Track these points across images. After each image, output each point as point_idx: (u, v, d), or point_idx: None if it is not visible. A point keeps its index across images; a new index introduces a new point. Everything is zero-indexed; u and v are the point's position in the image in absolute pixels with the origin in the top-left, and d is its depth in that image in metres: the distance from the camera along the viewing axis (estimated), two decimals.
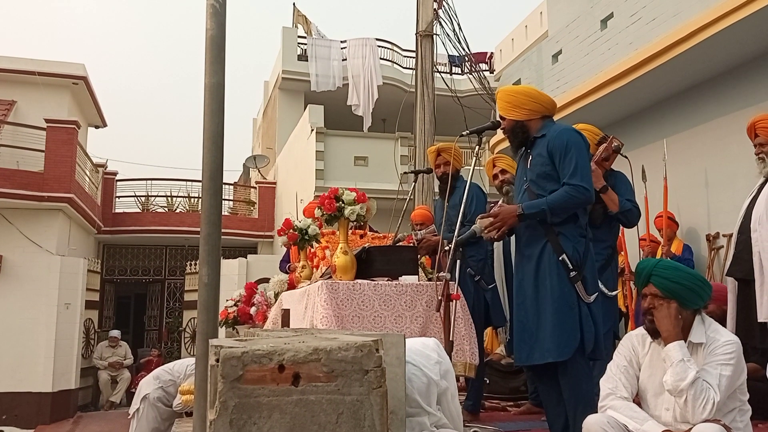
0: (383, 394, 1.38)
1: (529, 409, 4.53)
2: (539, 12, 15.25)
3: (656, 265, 2.47)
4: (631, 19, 7.08)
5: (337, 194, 3.55)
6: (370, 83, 14.65)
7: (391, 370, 1.66)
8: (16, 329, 11.25)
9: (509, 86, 3.47)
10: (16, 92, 13.82)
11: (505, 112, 3.22)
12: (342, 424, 1.34)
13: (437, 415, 1.84)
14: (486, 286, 4.19)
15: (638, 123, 7.69)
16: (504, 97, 3.23)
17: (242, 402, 1.31)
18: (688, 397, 2.25)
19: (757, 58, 6.17)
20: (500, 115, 3.28)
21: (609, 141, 3.91)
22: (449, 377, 2.31)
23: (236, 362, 1.32)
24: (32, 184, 11.42)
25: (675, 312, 2.38)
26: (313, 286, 3.53)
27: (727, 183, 6.45)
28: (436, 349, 2.34)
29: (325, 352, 1.36)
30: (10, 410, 11.02)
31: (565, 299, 2.90)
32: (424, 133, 8.20)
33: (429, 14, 8.45)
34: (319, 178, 12.38)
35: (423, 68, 8.40)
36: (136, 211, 15.80)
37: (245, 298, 5.94)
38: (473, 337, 3.61)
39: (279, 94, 16.50)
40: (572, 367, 2.90)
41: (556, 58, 8.63)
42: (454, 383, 2.38)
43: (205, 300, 2.39)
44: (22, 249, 11.53)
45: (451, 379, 2.33)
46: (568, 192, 2.95)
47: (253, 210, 16.62)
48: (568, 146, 3.00)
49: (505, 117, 3.22)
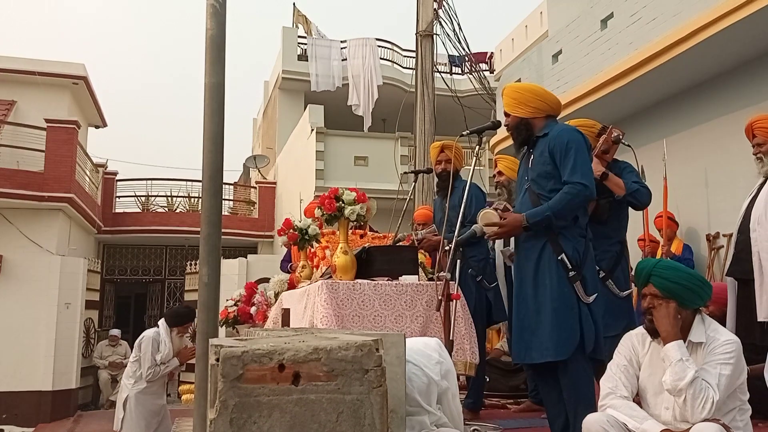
0: (383, 393, 1.38)
1: (529, 407, 4.54)
2: (539, 12, 15.25)
3: (656, 266, 2.47)
4: (632, 18, 7.08)
5: (337, 194, 3.56)
6: (370, 83, 14.65)
7: (392, 370, 1.66)
8: (16, 329, 11.25)
9: (516, 83, 3.47)
10: (16, 92, 13.83)
11: (510, 109, 3.21)
12: (342, 423, 1.34)
13: (437, 414, 1.85)
14: (488, 285, 4.19)
15: (638, 123, 7.69)
16: (510, 93, 3.22)
17: (242, 401, 1.31)
18: (687, 396, 2.25)
19: (757, 58, 6.17)
20: (505, 111, 3.26)
21: (608, 132, 3.83)
22: (450, 377, 2.31)
23: (236, 361, 1.32)
24: (32, 184, 11.42)
25: (674, 312, 2.38)
26: (314, 285, 3.53)
27: (727, 183, 6.45)
28: (437, 349, 2.34)
29: (325, 351, 1.36)
30: (10, 409, 11.03)
31: (564, 299, 2.90)
32: (424, 133, 8.21)
33: (429, 14, 8.45)
34: (319, 178, 12.38)
35: (423, 68, 8.41)
36: (136, 211, 15.80)
37: (245, 297, 5.93)
38: (473, 336, 3.61)
39: (279, 94, 16.50)
40: (572, 367, 2.90)
41: (556, 58, 8.64)
42: (455, 383, 2.38)
43: (205, 300, 2.40)
44: (23, 249, 11.54)
45: (452, 379, 2.34)
46: (568, 192, 2.95)
47: (253, 210, 16.62)
48: (569, 145, 3.00)
49: (509, 113, 3.22)
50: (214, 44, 2.50)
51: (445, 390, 2.24)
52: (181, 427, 5.26)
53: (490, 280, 4.22)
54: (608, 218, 3.69)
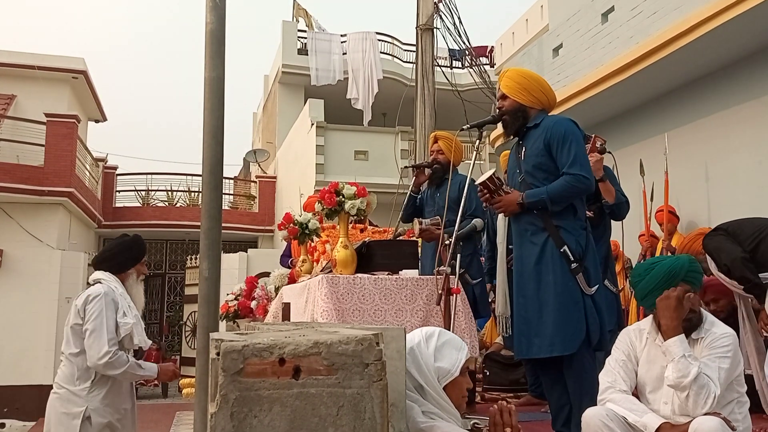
0: (384, 387, 1.38)
1: (529, 401, 4.55)
2: (540, 5, 15.22)
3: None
4: (632, 12, 7.06)
5: (338, 188, 3.56)
6: (370, 77, 14.62)
7: (392, 364, 1.66)
8: (16, 323, 11.28)
9: (521, 68, 3.43)
10: (16, 86, 13.82)
11: (510, 91, 3.14)
12: (342, 416, 1.34)
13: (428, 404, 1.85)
14: (471, 280, 4.17)
15: (639, 117, 7.68)
16: (514, 77, 3.17)
17: (243, 395, 1.31)
18: (690, 392, 2.25)
19: (758, 52, 6.15)
20: (503, 93, 3.18)
21: (592, 141, 3.90)
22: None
23: (237, 356, 1.32)
24: (32, 179, 11.43)
25: (675, 303, 2.37)
26: (314, 280, 3.54)
27: (728, 177, 6.45)
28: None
29: (325, 345, 1.36)
30: (11, 403, 11.07)
31: (569, 293, 2.90)
32: (424, 127, 8.20)
33: (429, 8, 8.43)
34: (319, 172, 12.39)
35: (423, 62, 8.39)
36: (136, 206, 15.82)
37: (246, 292, 5.94)
38: (473, 330, 3.62)
39: (279, 88, 16.48)
40: (578, 360, 2.90)
41: (556, 52, 8.61)
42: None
43: (205, 294, 2.40)
44: (23, 243, 11.55)
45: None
46: (569, 181, 2.94)
47: (253, 204, 16.63)
48: (566, 136, 2.99)
49: (508, 96, 3.15)
50: (214, 38, 2.49)
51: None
52: (182, 421, 5.27)
53: (474, 275, 4.19)
54: (598, 223, 3.83)
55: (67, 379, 3.08)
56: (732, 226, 3.57)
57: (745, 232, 3.44)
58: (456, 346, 1.90)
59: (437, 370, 1.84)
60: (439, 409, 1.81)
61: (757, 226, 3.46)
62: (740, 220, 3.65)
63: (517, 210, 3.04)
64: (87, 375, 3.06)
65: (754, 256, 3.36)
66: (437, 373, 1.84)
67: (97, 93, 15.47)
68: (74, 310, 3.10)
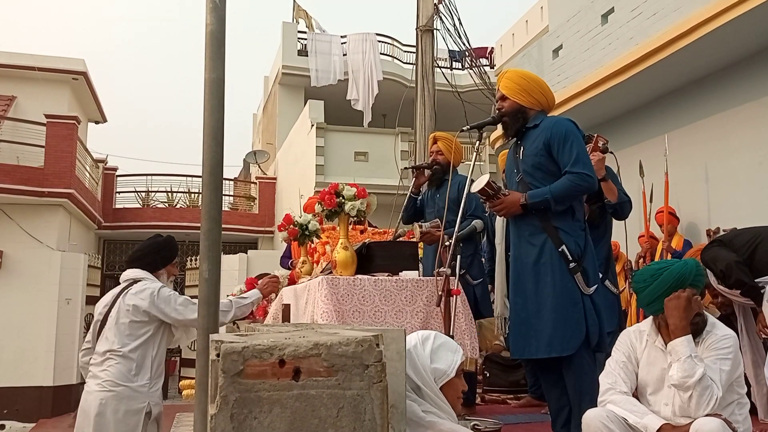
0: (384, 388, 1.38)
1: (529, 402, 4.55)
2: (540, 6, 15.23)
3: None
4: (632, 13, 7.07)
5: (338, 190, 3.55)
6: (370, 78, 14.63)
7: (392, 365, 1.66)
8: (17, 324, 11.28)
9: (520, 69, 3.43)
10: (16, 88, 13.82)
11: (510, 93, 3.14)
12: (342, 418, 1.34)
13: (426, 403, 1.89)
14: (472, 281, 4.17)
15: (639, 118, 7.68)
16: (515, 78, 3.17)
17: (243, 396, 1.31)
18: (694, 393, 2.24)
19: (758, 53, 6.16)
20: (503, 94, 3.18)
21: (594, 141, 3.90)
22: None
23: (237, 357, 1.32)
24: (32, 180, 11.43)
25: (686, 304, 2.36)
26: (314, 281, 3.53)
27: (728, 178, 6.45)
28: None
29: (325, 347, 1.36)
30: (11, 405, 11.06)
31: (568, 294, 2.89)
32: (424, 128, 8.19)
33: (429, 9, 8.43)
34: (319, 173, 12.39)
35: (423, 63, 8.39)
36: (136, 207, 15.82)
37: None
38: (474, 331, 3.62)
39: (279, 90, 16.48)
40: (577, 361, 2.90)
41: (556, 53, 8.62)
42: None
43: (205, 295, 2.39)
44: (23, 244, 11.55)
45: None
46: (572, 180, 2.93)
47: (253, 205, 16.63)
48: (567, 135, 2.99)
49: (507, 97, 3.15)
50: (214, 39, 2.48)
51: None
52: (182, 422, 5.26)
53: (475, 276, 4.19)
54: (599, 223, 3.83)
55: (123, 376, 3.04)
56: (727, 237, 3.66)
57: (741, 240, 3.51)
58: (451, 349, 1.97)
59: (433, 372, 1.90)
60: (436, 409, 1.86)
61: (752, 234, 3.52)
62: (735, 230, 3.71)
63: (519, 211, 3.03)
64: (144, 370, 3.08)
65: (751, 263, 3.41)
66: (434, 374, 1.90)
67: (97, 94, 15.48)
68: (124, 307, 3.09)
